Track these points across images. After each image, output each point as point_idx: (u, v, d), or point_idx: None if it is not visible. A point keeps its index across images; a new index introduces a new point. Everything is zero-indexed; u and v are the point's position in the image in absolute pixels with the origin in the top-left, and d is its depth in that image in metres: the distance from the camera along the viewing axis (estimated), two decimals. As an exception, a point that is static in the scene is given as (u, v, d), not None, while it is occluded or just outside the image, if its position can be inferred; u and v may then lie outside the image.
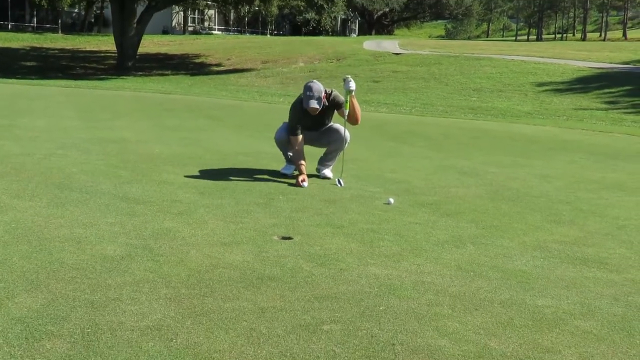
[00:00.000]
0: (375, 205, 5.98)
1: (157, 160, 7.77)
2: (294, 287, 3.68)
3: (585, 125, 18.19)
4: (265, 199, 6.01)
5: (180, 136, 10.48)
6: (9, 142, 8.62)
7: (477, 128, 15.64)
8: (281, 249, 4.44)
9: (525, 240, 5.02)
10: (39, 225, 4.65)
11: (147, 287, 3.54)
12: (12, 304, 3.21)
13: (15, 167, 6.80)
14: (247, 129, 12.66)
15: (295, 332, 3.07)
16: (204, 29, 65.15)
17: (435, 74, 31.51)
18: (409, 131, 14.09)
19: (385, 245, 4.68)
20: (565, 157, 10.54)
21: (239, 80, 33.07)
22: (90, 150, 8.24)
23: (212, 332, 3.03)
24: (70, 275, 3.67)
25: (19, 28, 55.21)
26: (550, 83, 28.49)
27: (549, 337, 3.17)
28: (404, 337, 3.08)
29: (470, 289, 3.81)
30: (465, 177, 7.90)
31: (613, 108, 23.21)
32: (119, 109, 15.81)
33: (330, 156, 7.40)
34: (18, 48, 44.43)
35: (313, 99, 6.83)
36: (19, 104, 15.92)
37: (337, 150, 7.35)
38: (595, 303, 3.68)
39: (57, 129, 10.62)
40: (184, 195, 5.93)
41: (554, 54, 36.70)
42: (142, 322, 3.09)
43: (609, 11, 79.98)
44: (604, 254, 4.71)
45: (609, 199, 6.89)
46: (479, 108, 22.89)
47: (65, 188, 5.93)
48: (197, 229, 4.80)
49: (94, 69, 37.82)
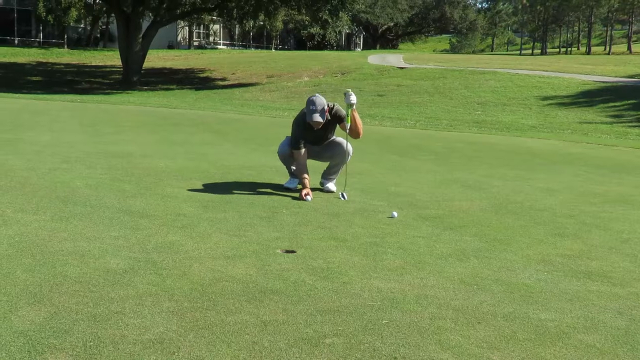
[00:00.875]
0: (378, 219, 5.98)
1: (162, 174, 7.79)
2: (297, 300, 3.68)
3: (590, 138, 18.18)
4: (269, 212, 6.01)
5: (184, 150, 10.51)
6: (13, 156, 8.66)
7: (482, 142, 15.64)
8: (284, 262, 4.44)
9: (529, 253, 5.01)
10: (43, 239, 4.66)
11: (149, 301, 3.54)
12: (15, 317, 3.22)
13: (19, 181, 6.83)
14: (251, 143, 12.68)
15: (297, 346, 3.07)
16: (209, 43, 65.45)
17: (439, 88, 31.56)
18: (413, 145, 14.09)
19: (389, 258, 4.67)
20: (569, 170, 10.53)
21: (243, 94, 33.16)
22: (95, 164, 8.27)
23: (214, 345, 3.03)
24: (73, 288, 3.67)
25: (25, 43, 55.56)
26: (555, 97, 28.51)
27: (552, 351, 3.16)
28: (406, 350, 3.08)
29: (473, 302, 3.80)
30: (469, 190, 7.90)
31: (618, 122, 23.21)
32: (124, 123, 15.86)
33: (334, 170, 7.42)
34: (24, 63, 44.70)
35: (316, 112, 6.84)
36: (24, 118, 15.99)
37: (340, 163, 7.36)
38: (599, 317, 3.66)
39: (62, 143, 10.66)
40: (188, 208, 5.94)
41: (558, 68, 36.72)
42: (145, 335, 3.09)
43: (614, 25, 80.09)
44: (607, 268, 4.70)
45: (613, 212, 6.87)
46: (483, 122, 22.90)
47: (70, 202, 5.94)
48: (200, 243, 4.81)
49: (99, 83, 37.97)
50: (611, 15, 76.86)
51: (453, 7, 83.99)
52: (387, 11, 75.76)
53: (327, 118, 7.04)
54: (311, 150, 7.31)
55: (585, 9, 75.25)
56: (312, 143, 7.26)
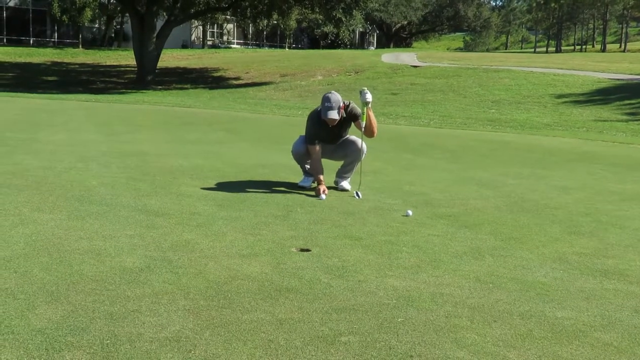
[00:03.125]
0: (393, 217, 5.97)
1: (177, 173, 7.81)
2: (312, 298, 3.68)
3: (605, 136, 18.07)
4: (284, 211, 6.02)
5: (199, 149, 10.54)
6: (29, 156, 8.72)
7: (496, 140, 15.59)
8: (299, 260, 4.45)
9: (545, 252, 4.98)
10: (59, 238, 4.69)
11: (165, 299, 3.56)
12: (33, 316, 3.24)
13: (36, 180, 6.87)
14: (265, 142, 12.70)
15: (313, 344, 3.07)
16: (222, 42, 65.60)
17: (453, 86, 31.48)
18: (427, 143, 14.07)
19: (404, 257, 4.67)
20: (584, 168, 10.47)
21: (257, 93, 33.22)
22: (110, 164, 8.31)
23: (230, 343, 3.04)
24: (89, 287, 3.69)
25: (40, 43, 55.94)
26: (570, 95, 28.36)
27: (569, 349, 3.14)
28: (422, 349, 3.07)
29: (489, 300, 3.79)
30: (484, 189, 7.87)
31: (633, 119, 23.04)
32: (139, 123, 15.93)
33: (348, 168, 7.40)
34: (39, 63, 45.02)
35: (332, 109, 6.84)
36: (40, 118, 16.10)
37: (355, 162, 7.35)
38: (616, 315, 3.64)
39: (77, 142, 10.72)
40: (203, 207, 5.96)
41: (573, 66, 36.54)
42: (161, 333, 3.11)
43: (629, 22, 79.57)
44: (624, 266, 4.67)
45: (629, 210, 6.83)
46: (497, 120, 22.82)
47: (85, 201, 5.98)
48: (215, 241, 4.82)
49: (114, 83, 38.17)
50: (626, 13, 76.38)
51: (467, 5, 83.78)
52: (400, 9, 75.72)
53: (343, 115, 7.04)
54: (325, 150, 7.30)
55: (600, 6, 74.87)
56: (326, 141, 7.25)
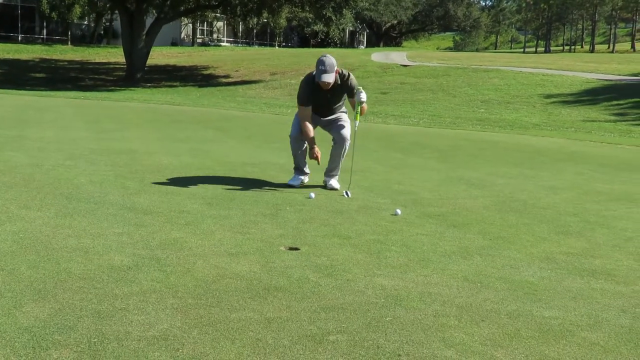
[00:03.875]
0: (382, 217, 5.98)
1: (165, 171, 7.79)
2: (301, 297, 3.68)
3: (594, 137, 18.16)
4: (272, 209, 6.02)
5: (188, 147, 10.52)
6: (18, 153, 8.67)
7: (485, 140, 15.63)
8: (288, 259, 4.45)
9: (533, 251, 5.00)
10: (47, 235, 4.67)
11: (154, 297, 3.55)
12: (20, 314, 3.23)
13: (24, 178, 6.84)
14: (254, 140, 12.69)
15: (301, 343, 3.07)
16: (212, 40, 65.48)
17: (443, 85, 31.55)
18: (416, 142, 14.09)
19: (392, 256, 4.67)
20: (573, 168, 10.51)
21: (247, 91, 33.18)
22: (99, 161, 8.28)
23: (218, 342, 3.03)
24: (77, 285, 3.68)
25: (28, 40, 55.63)
26: (559, 95, 28.48)
27: (556, 349, 3.16)
28: (410, 347, 3.08)
29: (477, 300, 3.80)
30: (473, 188, 7.89)
31: (621, 120, 23.18)
32: (128, 120, 15.88)
33: (333, 165, 7.29)
34: (28, 59, 44.77)
35: (326, 72, 6.79)
36: (28, 115, 16.02)
37: (337, 156, 7.28)
38: (603, 315, 3.66)
39: (66, 139, 10.67)
40: (192, 205, 5.95)
41: (562, 66, 36.70)
42: (149, 332, 3.10)
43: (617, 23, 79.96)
44: (611, 266, 4.69)
45: (617, 210, 6.87)
46: (486, 120, 22.88)
47: (74, 198, 5.95)
48: (204, 240, 4.81)
49: (103, 80, 38.02)
50: (615, 14, 76.79)
51: (457, 4, 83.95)
52: (390, 9, 75.73)
53: (337, 82, 6.98)
54: (317, 121, 7.29)
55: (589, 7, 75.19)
56: (318, 107, 7.15)
